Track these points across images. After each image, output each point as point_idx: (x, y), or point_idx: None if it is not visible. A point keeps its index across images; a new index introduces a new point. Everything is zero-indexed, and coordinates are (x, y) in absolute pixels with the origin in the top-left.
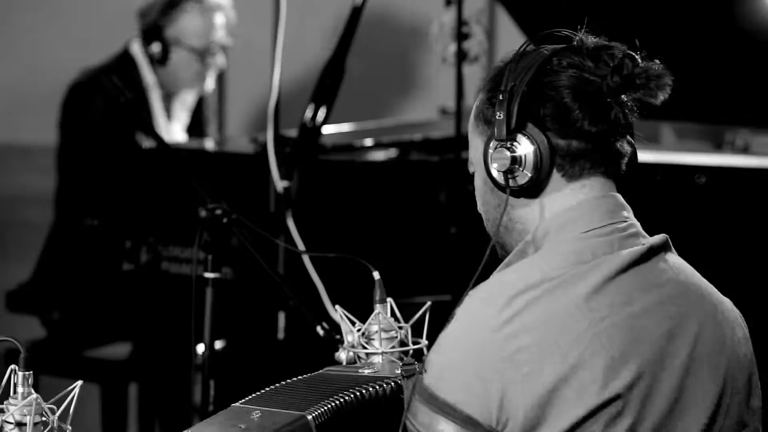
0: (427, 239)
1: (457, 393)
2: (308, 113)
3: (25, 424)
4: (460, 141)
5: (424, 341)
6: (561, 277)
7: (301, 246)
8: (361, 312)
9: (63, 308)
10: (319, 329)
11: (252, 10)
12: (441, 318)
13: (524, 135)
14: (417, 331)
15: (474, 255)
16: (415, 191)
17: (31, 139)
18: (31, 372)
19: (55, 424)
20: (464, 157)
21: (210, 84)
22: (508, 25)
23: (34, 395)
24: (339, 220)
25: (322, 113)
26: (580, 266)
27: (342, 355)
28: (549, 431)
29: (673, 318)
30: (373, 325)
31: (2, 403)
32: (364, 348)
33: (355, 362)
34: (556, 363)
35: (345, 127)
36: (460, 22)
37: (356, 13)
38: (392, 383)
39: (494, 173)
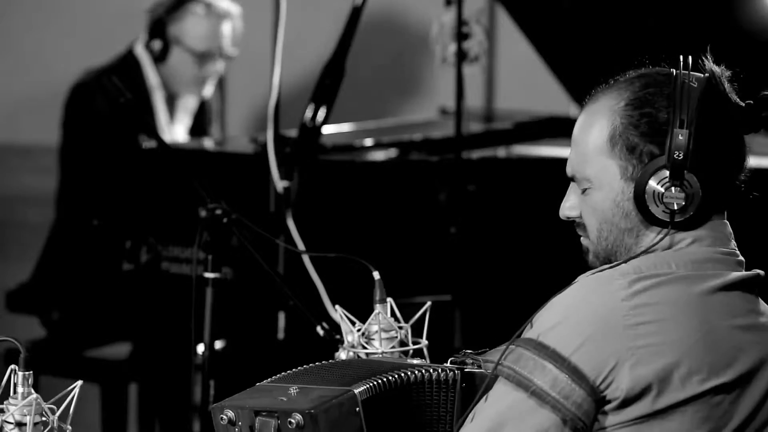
0: (427, 239)
1: (571, 346)
2: (308, 113)
3: (25, 424)
4: (460, 141)
5: (424, 341)
6: (686, 273)
7: (301, 246)
8: (361, 312)
9: (63, 308)
10: (319, 329)
11: (252, 11)
12: (441, 318)
13: (696, 174)
14: (417, 331)
15: (474, 255)
16: (415, 191)
17: (31, 139)
18: (31, 372)
19: (55, 424)
20: (464, 157)
21: (209, 91)
22: (508, 25)
23: (34, 395)
24: (339, 220)
25: (322, 113)
26: (702, 272)
27: (342, 355)
28: (648, 406)
29: (765, 348)
30: (373, 325)
31: (2, 403)
32: (364, 348)
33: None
34: (672, 344)
35: (345, 127)
36: (460, 22)
37: (356, 13)
38: (442, 371)
39: (651, 207)
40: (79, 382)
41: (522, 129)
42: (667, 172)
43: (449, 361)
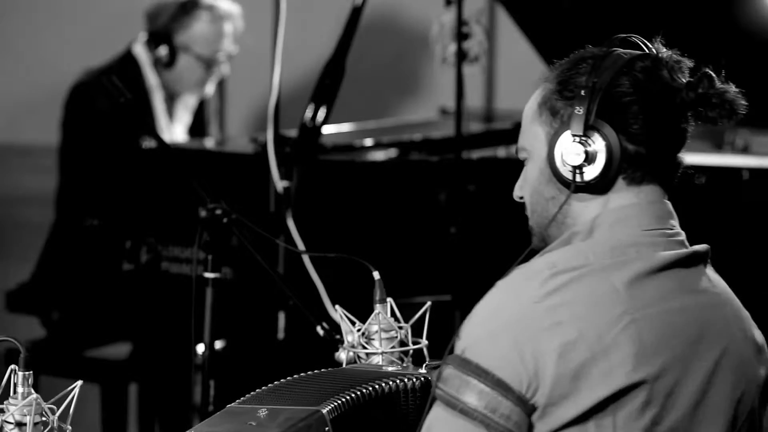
0: (427, 239)
1: (491, 358)
2: (308, 113)
3: (25, 424)
4: (460, 141)
5: (424, 341)
6: (604, 263)
7: (301, 246)
8: (361, 312)
9: (63, 308)
10: (319, 329)
11: (252, 11)
12: (441, 318)
13: (599, 133)
14: (417, 331)
15: (474, 255)
16: (415, 191)
17: (31, 140)
18: (31, 372)
19: (55, 424)
20: (464, 157)
21: (210, 90)
22: (508, 25)
23: (34, 395)
24: (339, 220)
25: (322, 113)
26: (624, 257)
27: (342, 355)
28: (573, 406)
29: (706, 324)
30: (373, 325)
31: (2, 403)
32: (364, 348)
33: (355, 362)
34: (590, 341)
35: (345, 127)
36: (460, 22)
37: (356, 13)
38: (416, 378)
39: (560, 166)
40: (79, 382)
41: None
42: (569, 132)
43: (424, 366)
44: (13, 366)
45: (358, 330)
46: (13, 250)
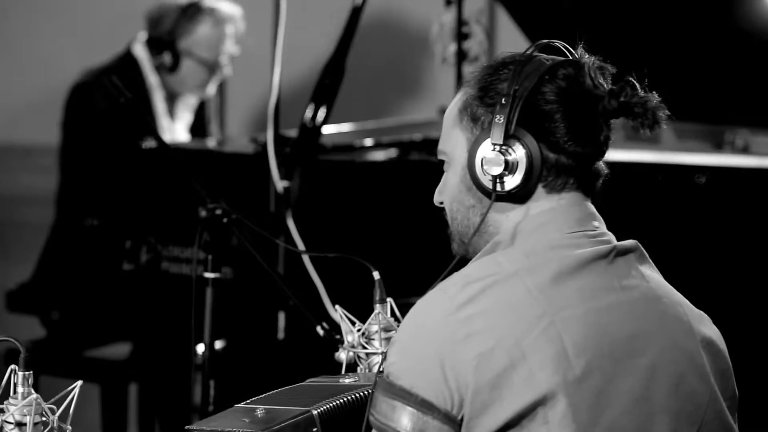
0: (427, 239)
1: (412, 377)
2: (308, 113)
3: (25, 424)
4: None
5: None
6: (517, 268)
7: (301, 246)
8: (361, 312)
9: (63, 308)
10: (319, 329)
11: (252, 12)
12: None
13: (519, 142)
14: None
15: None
16: (415, 191)
17: (31, 140)
18: (31, 372)
19: (55, 424)
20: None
21: (211, 91)
22: (508, 25)
23: (34, 395)
24: (339, 220)
25: (322, 113)
26: (540, 260)
27: (342, 355)
28: (496, 415)
29: (640, 320)
30: (373, 325)
31: (2, 403)
32: (364, 348)
33: (354, 363)
34: (507, 348)
35: (345, 127)
36: (460, 22)
37: (356, 13)
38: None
39: (480, 175)
40: (79, 382)
41: None
42: (489, 141)
43: (377, 375)
44: (13, 366)
45: (358, 330)
46: (13, 250)
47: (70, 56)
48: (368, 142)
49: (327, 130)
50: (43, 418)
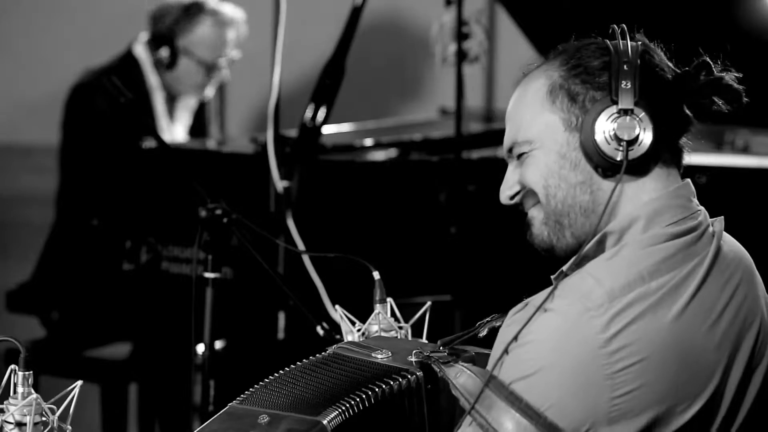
0: (427, 239)
1: (547, 400)
2: (308, 113)
3: (25, 424)
4: (460, 141)
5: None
6: (661, 290)
7: (301, 246)
8: (361, 312)
9: (63, 308)
10: (319, 329)
11: (252, 11)
12: (441, 318)
13: (644, 109)
14: (417, 331)
15: (474, 255)
16: (415, 191)
17: (31, 140)
18: (31, 372)
19: (55, 424)
20: (464, 157)
21: (210, 93)
22: (508, 25)
23: (34, 395)
24: (339, 220)
25: (322, 113)
26: (674, 276)
27: None
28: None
29: (744, 302)
30: (373, 325)
31: (2, 403)
32: None
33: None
34: (652, 388)
35: (345, 127)
36: (460, 22)
37: (356, 13)
38: (411, 375)
39: (603, 145)
40: (79, 382)
41: None
42: (615, 108)
43: (413, 353)
44: (13, 366)
45: (358, 330)
46: (13, 250)
47: (71, 56)
48: (368, 142)
49: (327, 130)
50: (43, 418)
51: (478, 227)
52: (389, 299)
